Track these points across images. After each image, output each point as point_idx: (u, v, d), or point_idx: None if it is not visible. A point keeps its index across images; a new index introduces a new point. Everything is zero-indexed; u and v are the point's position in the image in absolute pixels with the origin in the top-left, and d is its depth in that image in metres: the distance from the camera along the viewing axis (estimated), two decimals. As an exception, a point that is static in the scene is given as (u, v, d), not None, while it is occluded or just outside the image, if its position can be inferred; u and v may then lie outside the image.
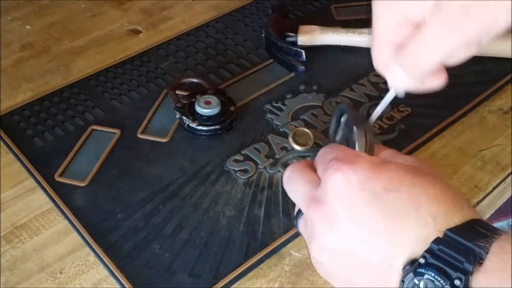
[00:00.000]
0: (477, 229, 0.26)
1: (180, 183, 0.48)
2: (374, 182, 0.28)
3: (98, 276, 0.43)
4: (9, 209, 0.48)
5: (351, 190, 0.28)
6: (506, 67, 0.59)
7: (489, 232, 0.26)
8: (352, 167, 0.29)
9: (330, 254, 0.29)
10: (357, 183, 0.28)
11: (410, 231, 0.27)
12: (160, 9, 0.70)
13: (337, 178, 0.29)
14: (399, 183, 0.28)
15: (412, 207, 0.27)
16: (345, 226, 0.28)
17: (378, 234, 0.27)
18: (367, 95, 0.57)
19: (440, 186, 0.28)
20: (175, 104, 0.53)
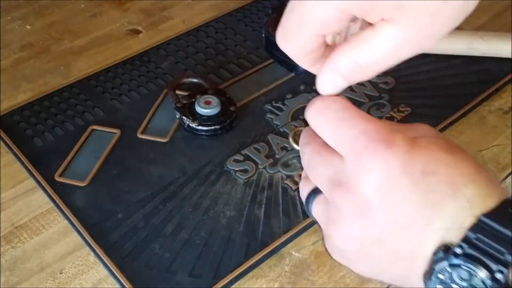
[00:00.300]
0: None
1: (180, 183, 0.49)
2: (413, 165, 0.25)
3: (98, 276, 0.43)
4: (9, 209, 0.48)
5: (389, 176, 0.25)
6: (506, 67, 0.60)
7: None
8: (391, 149, 0.25)
9: (356, 243, 0.27)
10: (397, 168, 0.24)
11: (446, 217, 0.25)
12: (160, 9, 0.70)
13: (374, 164, 0.25)
14: (436, 165, 0.25)
15: (450, 191, 0.25)
16: (378, 214, 0.25)
17: (414, 222, 0.25)
18: (367, 95, 0.57)
19: (473, 164, 0.26)
20: (175, 104, 0.53)
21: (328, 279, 0.42)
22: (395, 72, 0.59)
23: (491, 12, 0.68)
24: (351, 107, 0.27)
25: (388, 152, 0.25)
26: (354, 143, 0.25)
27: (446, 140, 0.27)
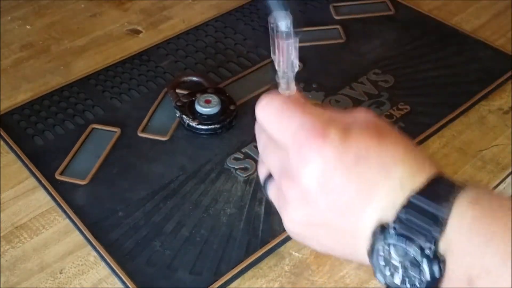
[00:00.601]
0: (440, 190, 0.26)
1: (181, 181, 0.49)
2: (347, 154, 0.27)
3: (98, 276, 0.43)
4: (9, 209, 0.48)
5: (326, 167, 0.27)
6: (505, 65, 0.60)
7: (451, 191, 0.26)
8: (325, 141, 0.27)
9: (303, 226, 0.30)
10: (332, 158, 0.27)
11: (382, 199, 0.27)
12: (160, 9, 0.71)
13: (312, 157, 0.27)
14: (367, 151, 0.27)
15: (382, 174, 0.27)
16: (320, 201, 0.28)
17: (352, 206, 0.27)
18: (366, 94, 0.57)
19: (402, 144, 0.28)
20: (175, 103, 0.53)
21: (328, 279, 0.42)
22: (395, 71, 0.59)
23: (491, 12, 0.68)
24: (291, 101, 0.29)
25: (323, 144, 0.27)
26: (294, 138, 0.28)
27: (379, 124, 0.29)
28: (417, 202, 0.26)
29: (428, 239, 0.25)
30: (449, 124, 0.54)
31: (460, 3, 0.70)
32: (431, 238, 0.25)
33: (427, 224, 0.25)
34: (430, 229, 0.25)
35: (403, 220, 0.26)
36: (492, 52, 0.61)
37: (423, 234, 0.25)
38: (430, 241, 0.25)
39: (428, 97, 0.57)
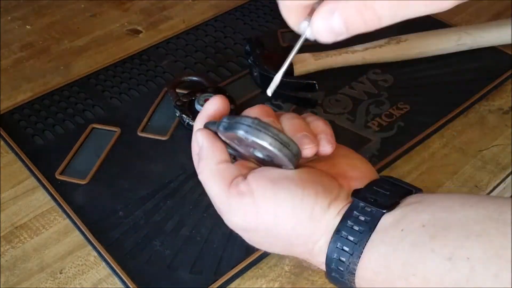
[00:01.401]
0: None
1: (181, 181, 0.49)
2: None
3: (98, 276, 0.43)
4: (9, 209, 0.48)
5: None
6: (504, 65, 0.60)
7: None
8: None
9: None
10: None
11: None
12: (160, 9, 0.71)
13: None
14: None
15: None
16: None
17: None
18: (366, 93, 0.57)
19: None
20: (175, 102, 0.53)
21: (328, 278, 0.42)
22: (394, 70, 0.59)
23: (491, 12, 0.68)
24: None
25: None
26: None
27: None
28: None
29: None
30: (449, 124, 0.54)
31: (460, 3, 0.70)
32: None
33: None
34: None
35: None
36: (492, 51, 0.61)
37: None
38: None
39: (427, 96, 0.57)
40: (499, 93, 0.57)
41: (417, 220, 0.28)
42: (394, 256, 0.28)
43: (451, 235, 0.26)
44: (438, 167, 0.50)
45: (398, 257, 0.28)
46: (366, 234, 0.29)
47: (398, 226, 0.29)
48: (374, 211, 0.30)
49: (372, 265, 0.29)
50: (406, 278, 0.27)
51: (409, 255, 0.27)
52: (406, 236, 0.28)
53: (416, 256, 0.27)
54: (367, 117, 0.54)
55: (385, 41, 0.59)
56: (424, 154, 0.52)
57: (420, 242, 0.27)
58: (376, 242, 0.29)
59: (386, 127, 0.53)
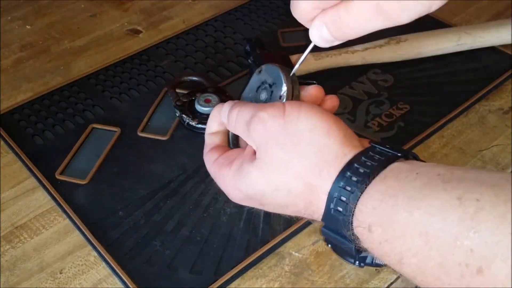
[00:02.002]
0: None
1: (181, 181, 0.49)
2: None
3: (98, 276, 0.43)
4: (9, 209, 0.48)
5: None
6: (504, 64, 0.60)
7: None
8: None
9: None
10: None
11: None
12: (160, 9, 0.71)
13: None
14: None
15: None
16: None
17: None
18: (366, 93, 0.57)
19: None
20: (175, 102, 0.53)
21: (328, 279, 0.42)
22: (394, 70, 0.59)
23: (491, 12, 0.68)
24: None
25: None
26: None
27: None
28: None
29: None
30: (449, 124, 0.54)
31: (460, 3, 0.70)
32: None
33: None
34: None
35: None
36: (492, 51, 0.61)
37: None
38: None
39: (427, 96, 0.57)
40: (499, 93, 0.57)
41: (432, 171, 0.28)
42: (403, 190, 0.28)
43: (464, 183, 0.27)
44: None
45: (406, 191, 0.28)
46: (378, 168, 0.30)
47: (413, 170, 0.29)
48: (390, 153, 0.31)
49: (377, 196, 0.29)
50: (409, 210, 0.27)
51: (418, 191, 0.27)
52: (419, 177, 0.28)
53: (425, 192, 0.27)
54: (367, 117, 0.54)
55: (385, 41, 0.59)
56: (424, 154, 0.52)
57: (432, 183, 0.27)
58: (387, 178, 0.29)
59: (386, 127, 0.53)
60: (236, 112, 0.34)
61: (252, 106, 0.34)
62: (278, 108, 0.32)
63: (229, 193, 0.35)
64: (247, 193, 0.33)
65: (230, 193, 0.35)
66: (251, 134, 0.33)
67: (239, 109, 0.34)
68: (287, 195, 0.32)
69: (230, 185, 0.34)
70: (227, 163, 0.35)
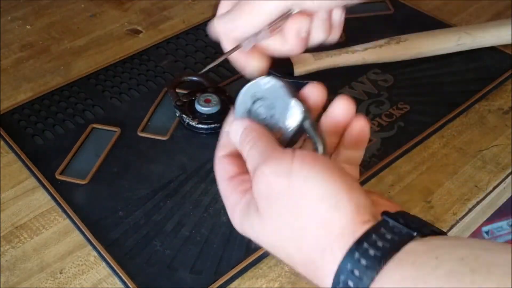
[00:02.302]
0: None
1: (181, 181, 0.49)
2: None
3: (98, 276, 0.43)
4: (9, 209, 0.48)
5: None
6: (504, 64, 0.60)
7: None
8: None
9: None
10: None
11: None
12: (160, 9, 0.71)
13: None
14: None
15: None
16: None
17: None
18: (366, 93, 0.57)
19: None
20: (175, 102, 0.53)
21: (329, 278, 0.42)
22: (394, 70, 0.59)
23: (491, 12, 0.68)
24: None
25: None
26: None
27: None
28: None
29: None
30: (449, 124, 0.54)
31: (460, 3, 0.70)
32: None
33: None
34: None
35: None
36: (492, 51, 0.61)
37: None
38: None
39: (427, 96, 0.57)
40: (499, 93, 0.57)
41: (454, 253, 0.25)
42: (425, 281, 0.24)
43: (494, 271, 0.23)
44: (438, 167, 0.50)
45: (428, 283, 0.24)
46: (391, 251, 0.26)
47: (432, 253, 0.25)
48: (404, 231, 0.27)
49: (391, 286, 0.25)
50: None
51: (444, 282, 0.24)
52: (441, 264, 0.24)
53: (453, 285, 0.23)
54: (367, 117, 0.54)
55: (385, 41, 0.59)
56: (424, 154, 0.52)
57: (458, 273, 0.24)
58: (403, 263, 0.25)
59: (386, 127, 0.53)
60: (248, 147, 0.31)
61: (260, 151, 0.30)
62: (285, 164, 0.28)
63: (233, 220, 0.33)
64: (250, 236, 0.31)
65: (232, 221, 0.33)
66: (254, 185, 0.30)
67: (251, 145, 0.31)
68: (289, 260, 0.29)
69: (235, 217, 0.32)
70: (241, 190, 0.32)
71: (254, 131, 0.32)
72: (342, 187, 0.28)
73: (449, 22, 0.66)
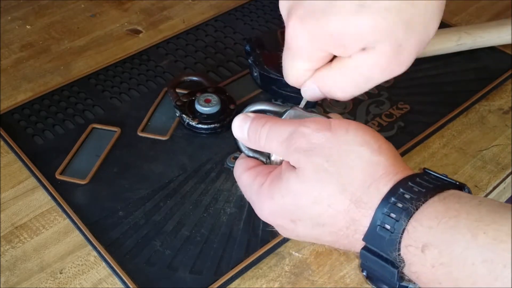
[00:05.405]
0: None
1: (181, 181, 0.49)
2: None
3: (98, 276, 0.43)
4: (9, 209, 0.48)
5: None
6: (504, 64, 0.60)
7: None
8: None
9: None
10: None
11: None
12: (160, 9, 0.71)
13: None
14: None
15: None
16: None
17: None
18: (366, 93, 0.57)
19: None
20: (175, 102, 0.53)
21: (328, 279, 0.42)
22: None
23: (491, 12, 0.68)
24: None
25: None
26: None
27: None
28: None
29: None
30: (449, 124, 0.54)
31: (460, 3, 0.70)
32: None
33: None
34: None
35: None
36: (492, 51, 0.61)
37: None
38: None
39: (427, 96, 0.57)
40: (499, 93, 0.57)
41: (495, 202, 0.27)
42: (467, 212, 0.26)
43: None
44: (438, 167, 0.50)
45: (471, 213, 0.25)
46: (436, 189, 0.27)
47: (474, 197, 0.27)
48: (447, 181, 0.29)
49: (434, 215, 0.26)
50: (474, 233, 0.25)
51: (485, 214, 0.25)
52: (484, 204, 0.26)
53: (493, 217, 0.25)
54: (367, 117, 0.54)
55: (385, 41, 0.59)
56: (424, 154, 0.52)
57: (501, 211, 0.25)
58: (447, 199, 0.27)
59: (386, 127, 0.53)
60: (267, 129, 0.32)
61: (288, 123, 0.32)
62: (323, 123, 0.30)
63: (260, 203, 0.32)
64: (280, 203, 0.31)
65: (261, 203, 0.32)
66: (290, 150, 0.31)
67: (270, 125, 0.32)
68: (326, 210, 0.29)
69: (263, 194, 0.32)
70: (266, 173, 0.32)
71: (267, 118, 0.33)
72: (380, 138, 0.30)
73: (449, 22, 0.66)
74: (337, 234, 0.30)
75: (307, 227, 0.31)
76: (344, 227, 0.29)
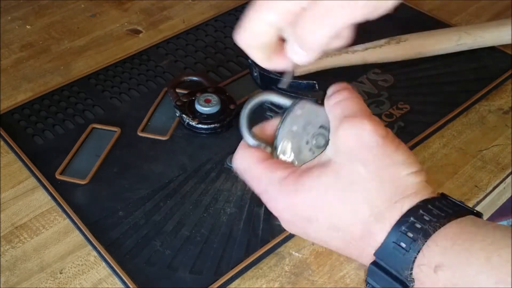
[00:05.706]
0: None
1: (181, 181, 0.49)
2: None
3: (98, 276, 0.43)
4: (9, 209, 0.48)
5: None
6: (504, 65, 0.60)
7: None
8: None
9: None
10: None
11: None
12: (160, 9, 0.71)
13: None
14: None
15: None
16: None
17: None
18: (366, 93, 0.57)
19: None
20: (175, 102, 0.53)
21: (328, 279, 0.42)
22: (394, 70, 0.59)
23: (491, 12, 0.68)
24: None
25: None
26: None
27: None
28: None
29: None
30: (449, 124, 0.54)
31: (460, 3, 0.70)
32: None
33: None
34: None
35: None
36: (492, 51, 0.61)
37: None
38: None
39: (427, 96, 0.57)
40: (499, 93, 0.57)
41: (510, 228, 0.27)
42: (482, 235, 0.26)
43: None
44: (438, 167, 0.50)
45: (486, 236, 0.26)
46: (453, 214, 0.28)
47: (489, 223, 0.28)
48: (463, 207, 0.29)
49: (450, 236, 0.27)
50: (488, 256, 0.25)
51: (500, 238, 0.26)
52: (499, 229, 0.27)
53: (509, 241, 0.25)
54: (367, 117, 0.54)
55: (385, 41, 0.59)
56: (424, 154, 0.52)
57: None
58: (463, 222, 0.27)
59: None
60: (343, 97, 0.32)
61: (359, 105, 0.31)
62: (382, 127, 0.30)
63: (279, 195, 0.31)
64: (304, 196, 0.30)
65: (281, 196, 0.31)
66: (338, 134, 0.30)
67: (348, 96, 0.32)
68: (347, 214, 0.29)
69: (286, 186, 0.31)
70: (285, 167, 0.31)
71: (348, 90, 0.33)
72: (419, 163, 0.30)
73: (449, 22, 0.66)
74: (349, 242, 0.30)
75: (321, 228, 0.30)
76: (358, 237, 0.29)
